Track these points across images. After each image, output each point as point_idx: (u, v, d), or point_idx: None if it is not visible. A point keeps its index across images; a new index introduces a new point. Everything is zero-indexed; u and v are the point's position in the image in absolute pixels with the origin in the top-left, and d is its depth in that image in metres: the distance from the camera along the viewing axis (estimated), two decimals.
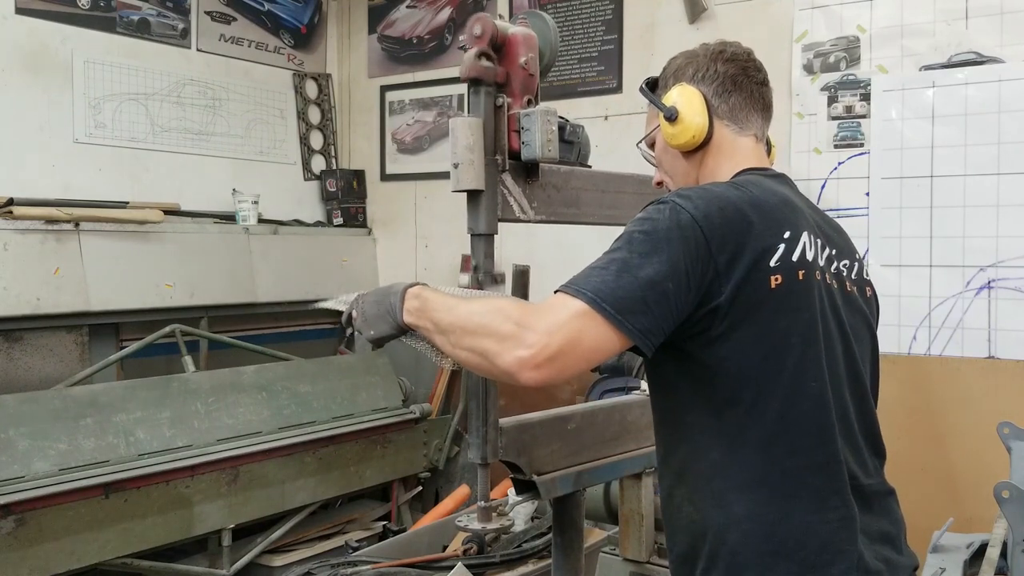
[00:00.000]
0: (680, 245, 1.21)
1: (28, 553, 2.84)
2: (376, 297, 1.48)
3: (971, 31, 3.21)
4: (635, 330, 1.19)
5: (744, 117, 1.48)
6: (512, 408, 1.92)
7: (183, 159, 4.24)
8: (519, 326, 1.20)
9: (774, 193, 1.36)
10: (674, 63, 1.53)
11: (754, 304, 1.24)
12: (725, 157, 1.47)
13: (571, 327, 1.17)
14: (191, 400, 3.48)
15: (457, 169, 1.58)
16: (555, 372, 1.18)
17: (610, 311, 1.17)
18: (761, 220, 1.28)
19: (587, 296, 1.18)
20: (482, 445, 1.67)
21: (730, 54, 1.49)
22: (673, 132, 1.45)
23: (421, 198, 4.78)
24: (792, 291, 1.27)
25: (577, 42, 4.18)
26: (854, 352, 1.38)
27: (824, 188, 3.50)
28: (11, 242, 3.34)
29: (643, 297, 1.18)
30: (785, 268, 1.26)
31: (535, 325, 1.19)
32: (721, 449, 1.28)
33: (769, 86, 1.53)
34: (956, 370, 3.20)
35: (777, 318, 1.25)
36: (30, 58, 3.70)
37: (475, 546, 2.86)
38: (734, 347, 1.25)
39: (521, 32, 1.66)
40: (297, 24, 4.83)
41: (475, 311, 1.29)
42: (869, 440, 1.40)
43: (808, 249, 1.31)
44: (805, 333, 1.27)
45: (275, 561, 3.72)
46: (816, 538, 1.26)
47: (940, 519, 2.45)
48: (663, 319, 1.20)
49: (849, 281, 1.43)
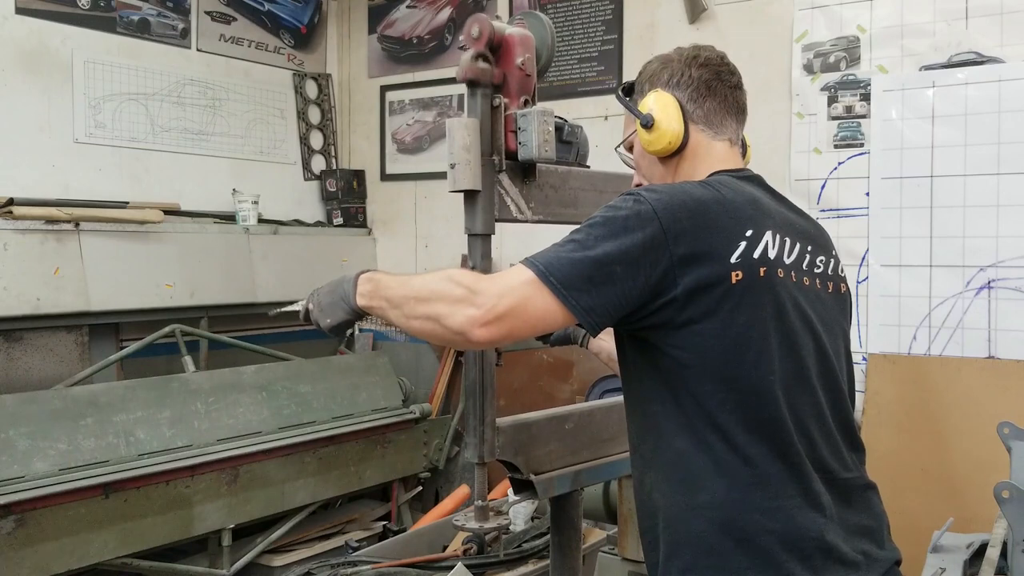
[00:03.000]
0: (636, 233, 1.26)
1: (28, 553, 2.84)
2: (329, 287, 1.54)
3: (971, 31, 3.21)
4: (577, 306, 1.26)
5: (719, 122, 1.51)
6: (511, 408, 1.92)
7: (183, 159, 4.24)
8: (470, 290, 1.28)
9: (741, 192, 1.39)
10: (649, 68, 1.56)
11: (714, 299, 1.28)
12: (700, 161, 1.50)
13: (519, 292, 1.26)
14: (191, 400, 3.48)
15: (454, 169, 1.59)
16: (504, 331, 1.27)
17: (555, 283, 1.25)
18: (724, 217, 1.32)
19: (538, 268, 1.27)
20: (479, 444, 1.67)
21: (704, 59, 1.51)
22: (649, 139, 1.50)
23: (421, 198, 4.78)
24: (752, 287, 1.30)
25: (577, 42, 4.18)
26: (825, 347, 1.41)
27: (824, 188, 3.49)
28: (11, 242, 3.34)
29: (589, 276, 1.25)
30: (746, 265, 1.30)
31: (486, 289, 1.28)
32: (684, 438, 1.32)
33: (743, 89, 1.56)
34: (956, 370, 3.20)
35: (737, 313, 1.29)
36: (30, 58, 3.70)
37: (475, 546, 2.87)
38: (694, 340, 1.29)
39: (518, 33, 1.66)
40: (297, 24, 4.84)
41: (427, 280, 1.37)
42: (845, 435, 1.42)
43: (771, 247, 1.34)
44: (765, 329, 1.31)
45: (275, 561, 3.72)
46: (779, 526, 1.29)
47: (940, 519, 2.44)
48: (608, 300, 1.26)
49: (822, 278, 1.46)
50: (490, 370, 1.69)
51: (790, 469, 1.31)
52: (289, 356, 4.08)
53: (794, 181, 3.53)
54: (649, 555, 1.44)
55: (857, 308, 3.44)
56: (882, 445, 3.22)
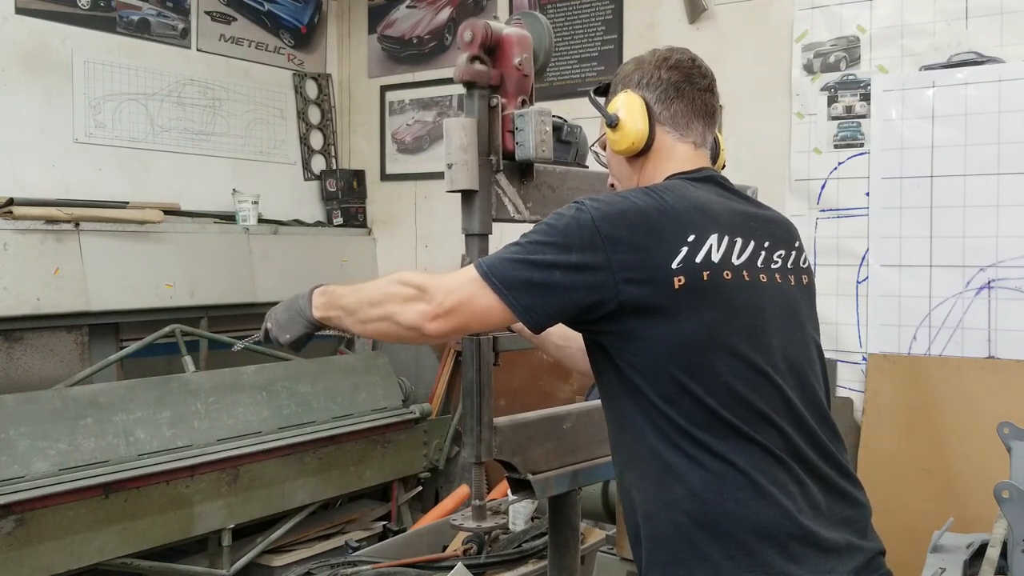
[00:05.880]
0: (575, 241, 1.32)
1: (28, 553, 2.84)
2: (285, 305, 1.63)
3: (971, 31, 3.20)
4: (517, 304, 1.33)
5: (685, 124, 1.53)
6: (510, 408, 1.92)
7: (183, 159, 4.24)
8: (420, 288, 1.38)
9: (686, 198, 1.41)
10: (624, 69, 1.59)
11: (658, 305, 1.32)
12: (663, 162, 1.53)
13: (465, 290, 1.36)
14: (191, 400, 3.49)
15: (451, 169, 1.59)
16: (453, 324, 1.37)
17: (496, 283, 1.33)
18: (666, 225, 1.35)
19: (483, 269, 1.35)
20: (476, 444, 1.67)
21: (674, 61, 1.54)
22: (615, 138, 1.53)
23: (421, 198, 4.78)
24: (696, 291, 1.33)
25: (577, 42, 4.18)
26: (790, 340, 1.43)
27: (824, 188, 3.49)
28: (11, 242, 3.35)
29: (528, 278, 1.33)
30: (688, 270, 1.33)
31: (435, 286, 1.37)
32: (655, 435, 1.35)
33: (715, 92, 1.57)
34: (956, 370, 3.19)
35: (681, 319, 1.32)
36: (30, 58, 3.70)
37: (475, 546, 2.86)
38: (641, 346, 1.34)
39: (515, 33, 1.66)
40: (297, 24, 4.84)
41: (378, 285, 1.46)
42: (823, 426, 1.43)
43: (715, 251, 1.36)
44: (714, 330, 1.33)
45: (275, 561, 3.72)
46: (751, 516, 1.31)
47: (940, 519, 2.44)
48: (547, 302, 1.34)
49: (782, 272, 1.47)
50: (487, 370, 1.69)
51: (760, 462, 1.33)
52: (289, 356, 4.08)
53: (794, 181, 3.53)
54: (635, 551, 1.46)
55: (857, 308, 3.44)
56: (882, 445, 3.22)
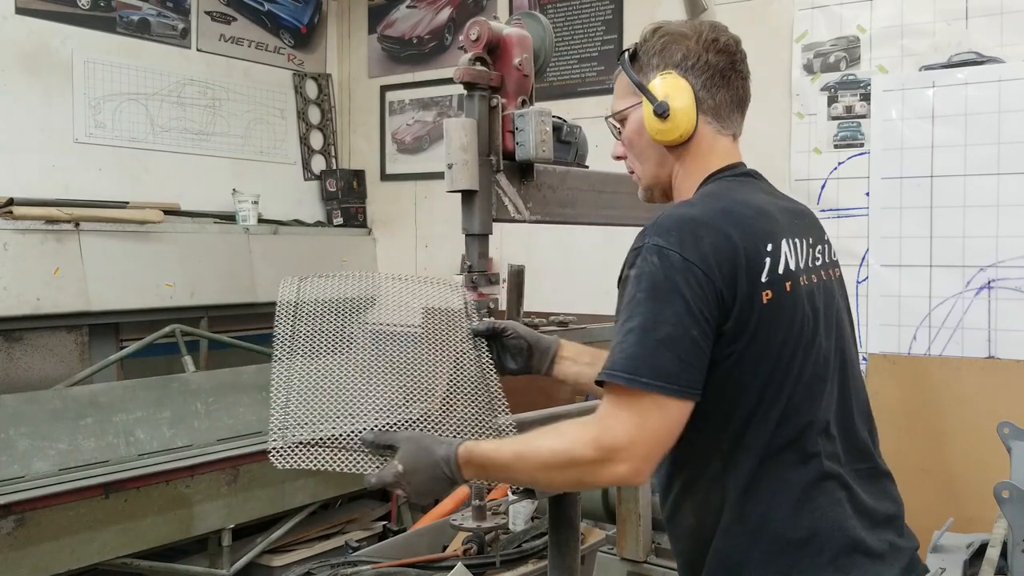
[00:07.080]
0: (685, 290, 1.20)
1: (28, 553, 2.84)
2: (429, 473, 1.38)
3: (971, 31, 3.20)
4: (689, 390, 1.20)
5: (727, 115, 1.42)
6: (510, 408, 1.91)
7: (183, 159, 4.24)
8: (601, 448, 1.20)
9: (747, 204, 1.33)
10: (658, 39, 1.42)
11: (752, 323, 1.24)
12: (704, 157, 1.41)
13: (639, 422, 1.19)
14: (191, 400, 3.48)
15: (451, 169, 1.59)
16: (654, 463, 1.22)
17: (657, 384, 1.18)
18: (743, 238, 1.25)
19: (640, 383, 1.18)
20: None
21: (723, 44, 1.41)
22: (661, 127, 1.38)
23: (421, 198, 4.78)
24: (782, 304, 1.26)
25: (577, 42, 4.18)
26: (839, 342, 1.38)
27: (824, 188, 3.49)
28: (11, 242, 3.34)
29: (677, 356, 1.19)
30: (774, 282, 1.26)
31: (615, 442, 1.19)
32: (721, 459, 1.29)
33: (749, 79, 1.46)
34: (956, 370, 3.19)
35: (772, 333, 1.25)
36: (30, 58, 3.70)
37: (475, 546, 2.86)
38: (736, 366, 1.25)
39: (515, 33, 1.66)
40: (297, 24, 4.84)
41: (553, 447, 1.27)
42: (864, 424, 1.41)
43: (789, 257, 1.30)
44: (797, 343, 1.28)
45: (275, 561, 3.72)
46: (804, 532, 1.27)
47: (940, 519, 2.45)
48: (701, 363, 1.21)
49: (824, 268, 1.41)
50: None
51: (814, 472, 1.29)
52: None
53: (794, 181, 3.53)
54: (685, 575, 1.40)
55: (857, 308, 3.44)
56: (882, 445, 3.21)
